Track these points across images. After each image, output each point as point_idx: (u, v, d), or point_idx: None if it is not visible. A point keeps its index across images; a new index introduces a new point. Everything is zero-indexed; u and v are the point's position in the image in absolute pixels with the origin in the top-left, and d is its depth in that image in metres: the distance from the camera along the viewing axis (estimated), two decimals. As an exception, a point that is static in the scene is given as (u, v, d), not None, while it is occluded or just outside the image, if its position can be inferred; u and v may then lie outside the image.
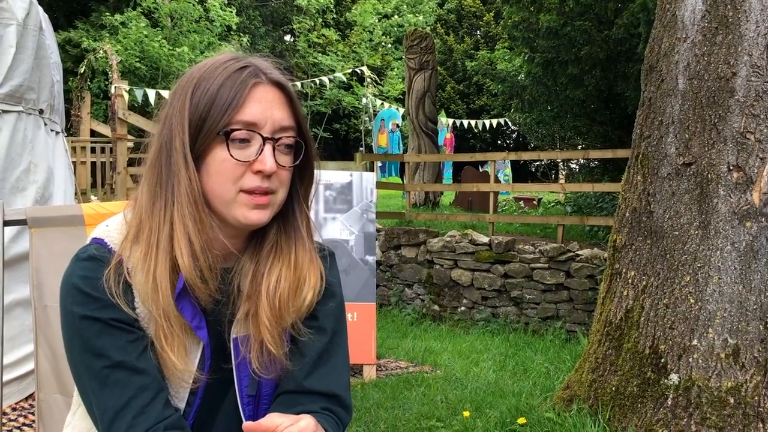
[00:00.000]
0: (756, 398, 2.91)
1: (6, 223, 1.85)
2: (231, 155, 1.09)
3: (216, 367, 1.16)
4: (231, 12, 18.50)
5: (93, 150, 11.00)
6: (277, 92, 1.15)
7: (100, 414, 1.08)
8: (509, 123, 17.30)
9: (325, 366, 1.22)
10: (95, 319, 1.07)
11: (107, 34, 16.24)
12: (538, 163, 20.30)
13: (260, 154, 1.10)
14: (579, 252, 6.82)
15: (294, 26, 23.98)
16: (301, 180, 1.23)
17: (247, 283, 1.18)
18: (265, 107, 1.12)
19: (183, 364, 1.11)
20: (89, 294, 1.08)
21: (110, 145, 10.49)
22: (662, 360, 3.15)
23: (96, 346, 1.07)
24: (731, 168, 3.09)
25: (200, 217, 1.10)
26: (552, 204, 12.03)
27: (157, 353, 1.10)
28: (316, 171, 1.25)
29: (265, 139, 1.11)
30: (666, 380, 3.12)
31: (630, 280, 3.40)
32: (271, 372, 1.18)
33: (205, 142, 1.11)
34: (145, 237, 1.11)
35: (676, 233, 3.23)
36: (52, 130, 4.63)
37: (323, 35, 23.48)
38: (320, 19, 23.95)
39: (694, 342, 3.08)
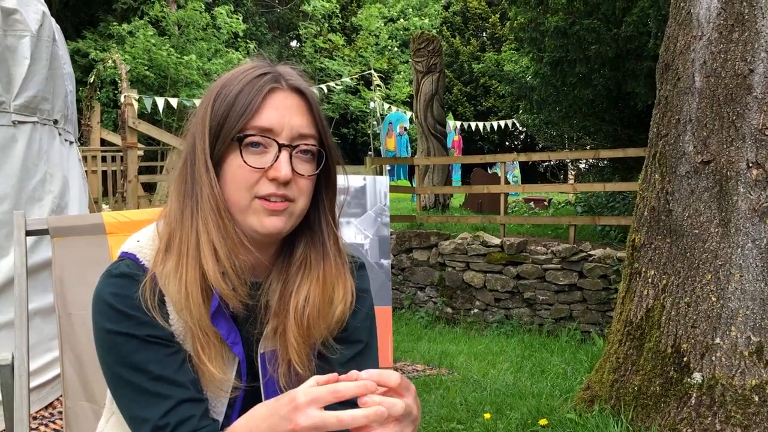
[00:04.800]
0: (781, 396, 2.89)
1: (28, 233, 1.86)
2: (244, 161, 1.08)
3: (249, 381, 1.17)
4: (237, 19, 18.57)
5: (104, 159, 11.06)
6: (297, 99, 1.13)
7: (138, 425, 1.08)
8: (517, 124, 17.28)
9: None
10: (131, 335, 1.07)
11: (114, 44, 16.33)
12: (546, 163, 20.28)
13: (276, 161, 1.09)
14: (591, 252, 6.79)
15: (300, 32, 24.05)
16: (327, 191, 1.21)
17: (275, 300, 1.17)
18: (282, 113, 1.10)
19: (221, 373, 1.11)
20: (123, 312, 1.07)
21: (120, 153, 10.54)
22: (685, 359, 3.14)
23: (134, 361, 1.07)
24: (750, 165, 3.08)
25: (223, 224, 1.09)
26: (562, 204, 12.00)
27: (194, 365, 1.10)
28: (340, 180, 1.23)
29: (281, 146, 1.09)
30: (689, 379, 3.10)
31: (650, 280, 3.38)
32: None
33: (222, 149, 1.10)
34: (176, 246, 1.11)
35: (696, 231, 3.21)
36: (66, 140, 4.65)
37: (329, 40, 23.54)
38: (326, 24, 24.01)
39: (717, 340, 3.07)
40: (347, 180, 1.28)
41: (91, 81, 11.71)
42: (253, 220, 1.10)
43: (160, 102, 11.57)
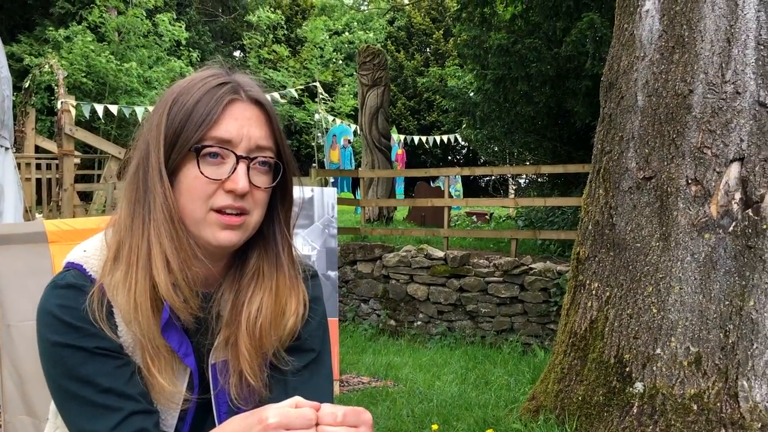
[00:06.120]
0: (718, 404, 3.00)
1: (-36, 242, 1.79)
2: (201, 172, 1.07)
3: (200, 392, 1.15)
4: (180, 27, 18.29)
5: (38, 166, 10.72)
6: (256, 110, 1.13)
7: None
8: (459, 139, 17.54)
9: (309, 385, 1.21)
10: (78, 348, 1.05)
11: (50, 50, 15.86)
12: (488, 178, 20.63)
13: (233, 172, 1.08)
14: (532, 265, 6.92)
15: (244, 42, 23.88)
16: (282, 203, 1.20)
17: (227, 311, 1.16)
18: (241, 124, 1.09)
19: (172, 385, 1.09)
20: (70, 323, 1.05)
21: (56, 161, 10.24)
22: (627, 369, 3.23)
23: (82, 374, 1.04)
24: (690, 182, 3.20)
25: (177, 235, 1.07)
26: (503, 218, 12.20)
27: (144, 378, 1.08)
28: (295, 193, 1.22)
29: (239, 158, 1.08)
30: (631, 389, 3.19)
31: (594, 292, 3.48)
32: (249, 403, 1.16)
33: (178, 158, 1.08)
34: (125, 256, 1.08)
35: (638, 245, 3.32)
36: (1, 146, 4.49)
37: (274, 51, 23.43)
38: (271, 35, 23.90)
39: (658, 351, 3.17)
40: (302, 191, 1.27)
41: (26, 86, 11.34)
42: (207, 233, 1.09)
43: (99, 109, 11.28)
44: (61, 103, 9.58)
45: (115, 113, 11.50)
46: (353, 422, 0.94)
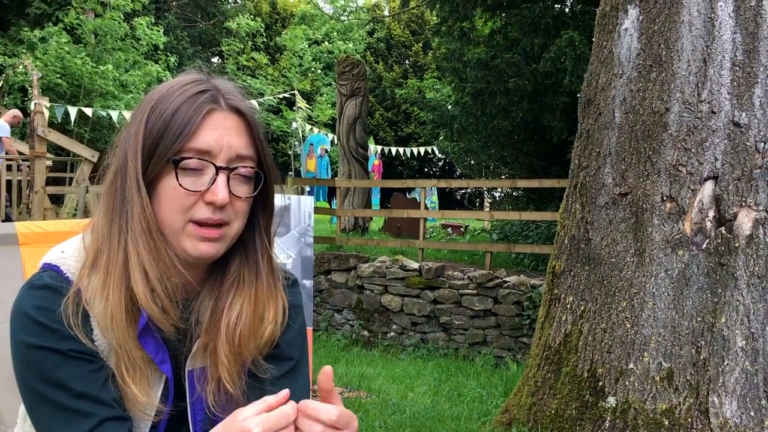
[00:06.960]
0: (689, 420, 3.03)
1: (-64, 242, 1.75)
2: (180, 184, 1.05)
3: (174, 402, 1.13)
4: (158, 31, 18.18)
5: (8, 168, 10.54)
6: (236, 119, 1.11)
7: None
8: (436, 151, 17.64)
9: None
10: (53, 350, 1.02)
11: (24, 50, 15.66)
12: (463, 191, 20.77)
13: (213, 184, 1.06)
14: (506, 279, 6.95)
15: (223, 48, 23.82)
16: (263, 211, 1.19)
17: (207, 318, 1.14)
18: (221, 134, 1.07)
19: (146, 396, 1.07)
20: (45, 325, 1.02)
21: (27, 163, 10.08)
22: (600, 383, 3.25)
23: (55, 377, 1.02)
24: (664, 198, 3.24)
25: (155, 246, 1.05)
26: (478, 231, 12.25)
27: (118, 386, 1.06)
28: (276, 202, 1.21)
29: (218, 169, 1.07)
30: (604, 403, 3.21)
31: (569, 306, 3.50)
32: (227, 411, 1.14)
33: (156, 169, 1.06)
34: (103, 264, 1.06)
35: (613, 260, 3.35)
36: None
37: (252, 58, 23.40)
38: (250, 43, 23.88)
39: (631, 365, 3.19)
40: (283, 199, 1.27)
41: (-1, 86, 11.17)
42: (186, 244, 1.07)
43: (73, 111, 11.14)
44: (35, 104, 9.45)
45: (90, 116, 11.37)
46: (344, 424, 0.94)
